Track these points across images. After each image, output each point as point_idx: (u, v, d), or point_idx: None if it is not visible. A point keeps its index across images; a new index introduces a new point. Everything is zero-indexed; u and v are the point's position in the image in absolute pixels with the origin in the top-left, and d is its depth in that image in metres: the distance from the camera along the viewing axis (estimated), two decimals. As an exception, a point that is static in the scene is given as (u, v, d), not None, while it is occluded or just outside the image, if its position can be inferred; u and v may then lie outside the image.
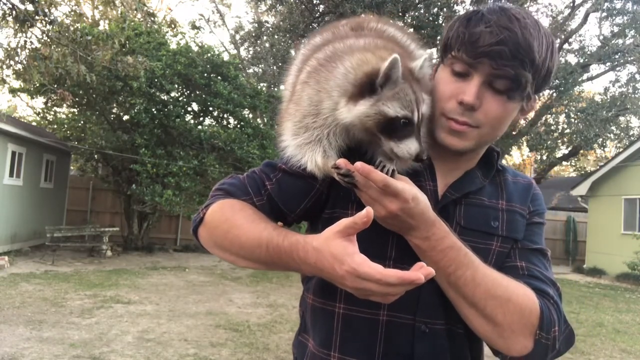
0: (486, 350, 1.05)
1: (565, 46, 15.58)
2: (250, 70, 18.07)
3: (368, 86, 0.88)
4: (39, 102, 14.72)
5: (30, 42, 7.58)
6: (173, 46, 12.70)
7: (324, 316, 1.01)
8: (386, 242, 0.96)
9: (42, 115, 15.46)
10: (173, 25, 16.64)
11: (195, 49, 12.76)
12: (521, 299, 0.90)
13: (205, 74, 12.32)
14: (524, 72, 0.91)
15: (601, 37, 15.21)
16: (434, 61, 1.05)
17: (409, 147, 0.87)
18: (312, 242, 0.84)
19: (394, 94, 0.87)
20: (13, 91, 12.36)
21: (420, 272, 0.77)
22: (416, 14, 14.31)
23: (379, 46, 0.93)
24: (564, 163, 22.69)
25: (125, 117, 12.99)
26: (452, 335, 0.97)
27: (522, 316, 0.89)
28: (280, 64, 16.32)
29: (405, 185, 0.87)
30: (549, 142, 16.09)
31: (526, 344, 0.89)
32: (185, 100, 12.94)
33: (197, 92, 12.87)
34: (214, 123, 13.59)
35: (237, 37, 19.38)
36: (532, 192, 1.09)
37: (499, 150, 1.09)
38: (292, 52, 17.05)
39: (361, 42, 0.94)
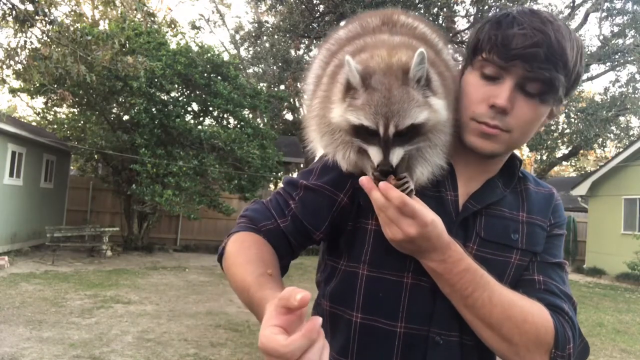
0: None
1: (566, 46, 15.56)
2: (250, 70, 18.09)
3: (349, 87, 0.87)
4: (39, 102, 14.73)
5: (30, 42, 7.59)
6: (173, 46, 12.69)
7: (342, 324, 1.01)
8: (405, 254, 0.94)
9: (42, 115, 15.46)
10: (173, 25, 16.65)
11: (195, 49, 12.76)
12: (537, 319, 0.90)
13: (205, 74, 12.32)
14: (558, 75, 0.89)
15: (601, 37, 15.22)
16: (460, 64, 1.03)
17: (373, 155, 0.86)
18: (269, 303, 0.71)
19: (363, 101, 0.84)
20: (13, 91, 12.35)
21: (297, 301, 0.62)
22: (416, 14, 14.29)
23: (405, 45, 0.89)
24: (564, 163, 22.71)
25: (125, 117, 12.98)
26: (464, 347, 0.97)
27: (538, 336, 0.89)
28: (280, 64, 16.33)
29: (423, 208, 0.86)
30: (549, 142, 16.10)
31: None
32: (185, 100, 12.93)
33: (197, 92, 12.87)
34: (214, 123, 13.57)
35: (237, 37, 19.41)
36: (554, 203, 1.08)
37: (521, 159, 1.07)
38: (292, 52, 17.06)
39: (396, 39, 0.92)
